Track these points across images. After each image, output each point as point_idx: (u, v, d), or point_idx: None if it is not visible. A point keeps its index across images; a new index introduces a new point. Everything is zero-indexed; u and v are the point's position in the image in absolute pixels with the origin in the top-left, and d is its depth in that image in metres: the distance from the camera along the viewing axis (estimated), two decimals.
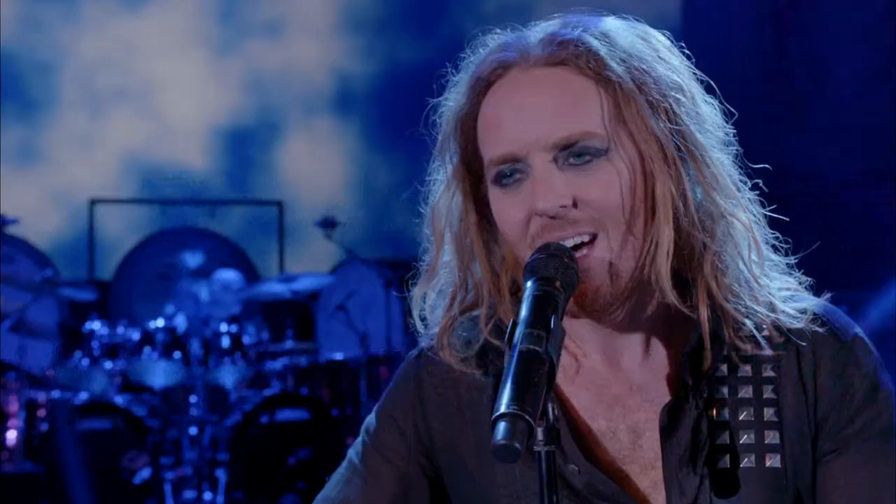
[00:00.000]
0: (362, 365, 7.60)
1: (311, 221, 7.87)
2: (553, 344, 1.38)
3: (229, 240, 9.13)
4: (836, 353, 1.65)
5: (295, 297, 7.73)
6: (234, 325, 7.31)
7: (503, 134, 1.61)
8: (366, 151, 9.70)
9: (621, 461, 1.66)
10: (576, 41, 1.60)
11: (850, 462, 1.63)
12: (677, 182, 1.59)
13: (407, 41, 9.74)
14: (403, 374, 1.83)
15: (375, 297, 8.04)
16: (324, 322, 8.30)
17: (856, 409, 1.64)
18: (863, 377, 1.65)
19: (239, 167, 9.44)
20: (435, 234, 1.74)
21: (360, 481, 1.79)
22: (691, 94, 1.64)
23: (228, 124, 9.42)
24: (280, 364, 7.47)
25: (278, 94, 9.53)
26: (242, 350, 7.28)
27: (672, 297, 1.60)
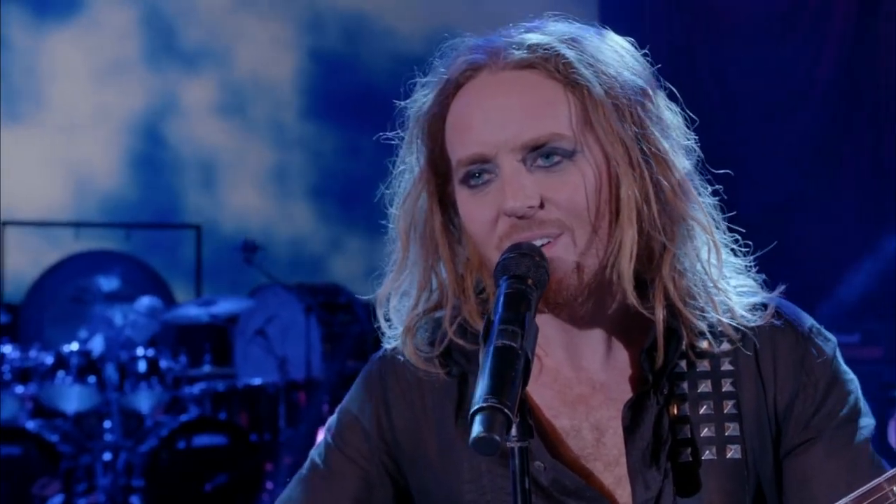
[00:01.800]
0: (281, 390, 7.53)
1: (230, 245, 7.80)
2: (528, 340, 1.40)
3: (145, 263, 8.98)
4: (795, 344, 1.70)
5: (213, 322, 7.64)
6: (150, 350, 7.20)
7: (472, 135, 1.63)
8: (286, 177, 9.66)
9: (585, 459, 1.68)
10: (545, 45, 1.63)
11: (822, 451, 1.67)
12: (641, 185, 1.62)
13: (336, 69, 9.74)
14: (367, 375, 1.84)
15: (295, 321, 7.98)
16: (242, 347, 8.21)
17: (821, 398, 1.68)
18: (823, 365, 1.70)
19: (156, 190, 9.31)
20: (400, 235, 1.74)
21: (323, 482, 1.78)
22: (656, 100, 1.68)
23: (146, 146, 9.29)
24: (197, 389, 7.37)
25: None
26: (159, 374, 7.16)
27: (633, 298, 1.63)
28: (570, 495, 1.65)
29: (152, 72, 9.32)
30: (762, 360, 1.69)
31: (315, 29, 9.74)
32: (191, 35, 9.44)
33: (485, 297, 1.74)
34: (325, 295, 8.51)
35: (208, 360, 7.74)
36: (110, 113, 9.19)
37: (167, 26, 9.39)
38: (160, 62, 9.34)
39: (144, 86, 9.32)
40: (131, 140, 9.27)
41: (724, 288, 1.68)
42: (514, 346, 1.37)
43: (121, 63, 9.24)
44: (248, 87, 9.57)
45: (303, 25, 9.72)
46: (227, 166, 9.50)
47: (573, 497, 1.65)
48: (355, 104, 9.36)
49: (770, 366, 1.69)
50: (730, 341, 1.68)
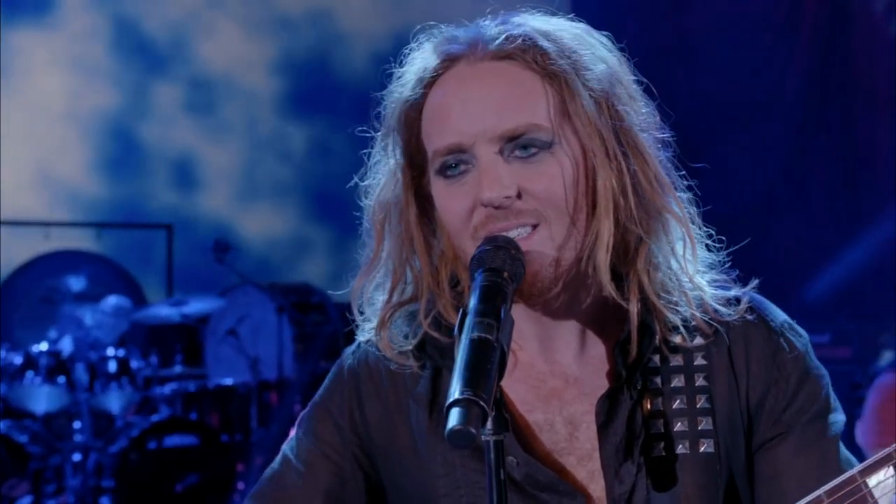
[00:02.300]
0: (252, 390, 7.50)
1: (201, 245, 7.76)
2: (503, 333, 1.40)
3: (116, 263, 8.92)
4: (767, 339, 1.70)
5: (184, 322, 7.60)
6: (121, 350, 7.15)
7: (450, 125, 1.62)
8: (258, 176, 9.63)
9: (558, 453, 1.68)
10: (523, 36, 1.63)
11: (793, 446, 1.67)
12: (618, 177, 1.62)
13: (307, 76, 9.71)
14: (340, 369, 1.82)
15: (267, 321, 7.95)
16: (214, 347, 8.17)
17: (792, 393, 1.69)
18: (795, 360, 1.70)
19: (127, 190, 9.25)
20: (375, 227, 1.73)
21: (295, 476, 1.77)
22: (631, 93, 1.69)
23: (117, 146, 9.23)
24: (168, 389, 7.33)
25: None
26: (130, 375, 7.11)
27: (610, 289, 1.63)
28: (543, 490, 1.64)
29: (123, 71, 9.26)
30: (735, 354, 1.69)
31: (285, 27, 9.70)
32: (161, 34, 9.38)
33: (460, 290, 1.73)
34: (298, 295, 8.49)
35: (179, 361, 7.69)
36: (81, 112, 9.12)
37: (137, 25, 9.32)
38: (131, 61, 9.27)
39: (115, 85, 9.25)
40: (102, 139, 9.21)
41: (698, 282, 1.69)
42: (489, 338, 1.37)
43: (91, 62, 9.17)
44: (219, 87, 9.53)
45: (274, 24, 9.68)
46: (199, 166, 9.45)
47: (546, 491, 1.64)
48: (327, 103, 9.34)
49: (743, 360, 1.69)
50: (703, 336, 1.68)
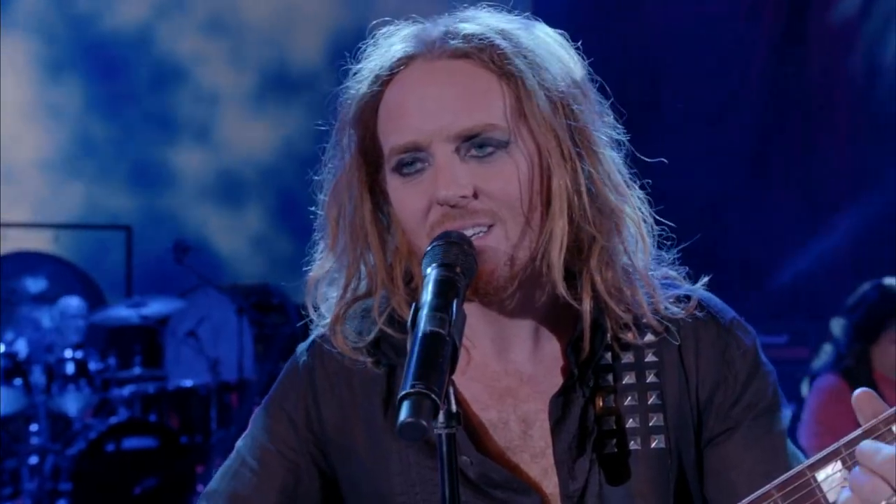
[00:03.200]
0: (212, 392, 7.46)
1: (161, 247, 7.72)
2: (455, 327, 1.40)
3: (74, 265, 8.84)
4: (716, 336, 1.72)
5: (143, 323, 7.55)
6: (79, 352, 7.08)
7: (406, 123, 1.62)
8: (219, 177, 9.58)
9: (512, 451, 1.69)
10: (480, 35, 1.63)
11: (741, 441, 1.69)
12: (573, 177, 1.63)
13: (265, 67, 9.68)
14: (294, 365, 1.82)
15: (227, 322, 7.91)
16: (173, 348, 8.12)
17: (741, 389, 1.71)
18: (744, 357, 1.72)
19: (86, 191, 9.17)
20: (329, 223, 1.73)
21: (250, 473, 1.76)
22: (587, 93, 1.69)
23: (75, 147, 9.16)
24: (127, 391, 7.27)
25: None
26: (88, 377, 7.05)
27: (562, 289, 1.63)
28: (497, 488, 1.65)
29: (81, 70, 9.18)
30: (685, 351, 1.71)
31: (242, 24, 9.66)
32: (119, 32, 9.31)
33: (414, 287, 1.73)
34: (258, 296, 8.45)
35: (138, 362, 7.63)
36: (39, 113, 9.03)
37: (94, 22, 9.25)
38: (90, 59, 9.20)
39: (74, 85, 9.18)
40: (60, 140, 9.13)
41: (650, 281, 1.70)
42: (441, 332, 1.37)
43: (47, 62, 9.09)
44: (180, 85, 9.47)
45: (230, 20, 9.64)
46: (158, 166, 9.39)
47: (500, 489, 1.65)
48: (287, 101, 9.32)
49: (692, 357, 1.71)
50: (654, 333, 1.69)
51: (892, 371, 4.66)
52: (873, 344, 4.70)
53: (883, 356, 4.69)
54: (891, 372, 4.66)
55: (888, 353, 4.68)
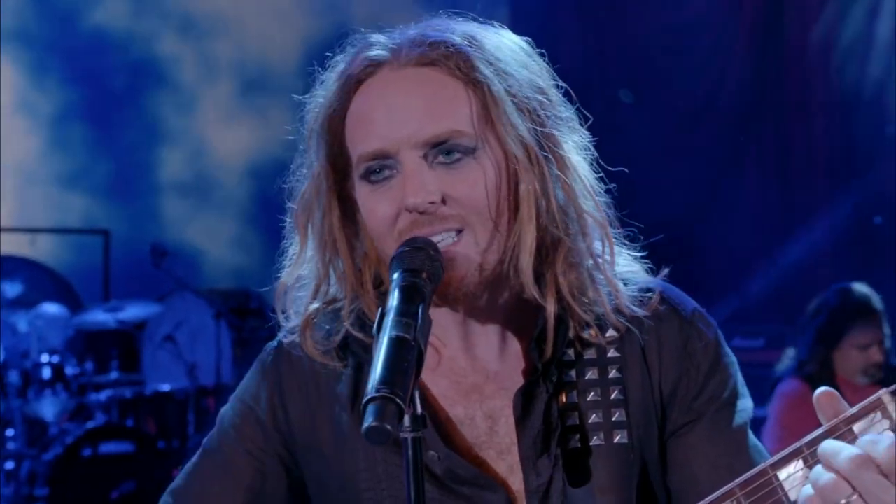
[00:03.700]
0: (190, 396, 7.45)
1: (139, 251, 7.71)
2: (421, 332, 1.43)
3: (51, 269, 8.81)
4: (678, 330, 1.75)
5: (121, 327, 7.53)
6: (55, 356, 7.05)
7: (374, 130, 1.64)
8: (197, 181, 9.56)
9: (478, 447, 1.71)
10: (446, 43, 1.66)
11: (704, 433, 1.72)
12: (540, 182, 1.66)
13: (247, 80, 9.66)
14: (262, 364, 1.84)
15: (205, 327, 7.90)
16: (151, 353, 8.10)
17: (703, 381, 1.73)
18: (706, 349, 1.74)
19: (63, 195, 9.14)
20: (298, 229, 1.76)
21: (217, 471, 1.79)
22: (553, 99, 1.72)
23: (52, 150, 9.12)
24: (104, 396, 7.24)
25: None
26: (64, 381, 7.02)
27: (533, 291, 1.66)
28: (463, 484, 1.67)
29: (58, 73, 9.15)
30: (647, 345, 1.73)
31: (221, 26, 9.66)
32: (97, 34, 9.29)
33: (384, 291, 1.75)
34: (236, 300, 8.44)
35: (116, 367, 7.61)
36: (16, 115, 9.00)
37: (72, 24, 9.22)
38: (65, 62, 9.17)
39: (51, 87, 9.15)
40: (36, 143, 9.09)
41: (614, 283, 1.72)
42: (407, 337, 1.40)
43: (25, 64, 9.05)
44: (156, 89, 9.45)
45: (209, 23, 9.63)
46: (137, 170, 9.37)
47: (467, 485, 1.67)
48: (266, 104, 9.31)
49: (655, 351, 1.73)
50: (616, 329, 1.72)
51: (854, 375, 4.70)
52: (835, 349, 4.74)
53: (845, 361, 4.73)
54: (853, 376, 4.70)
55: (850, 358, 4.72)
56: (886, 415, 1.35)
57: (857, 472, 1.32)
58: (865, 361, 4.70)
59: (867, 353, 4.70)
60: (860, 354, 4.70)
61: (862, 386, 4.67)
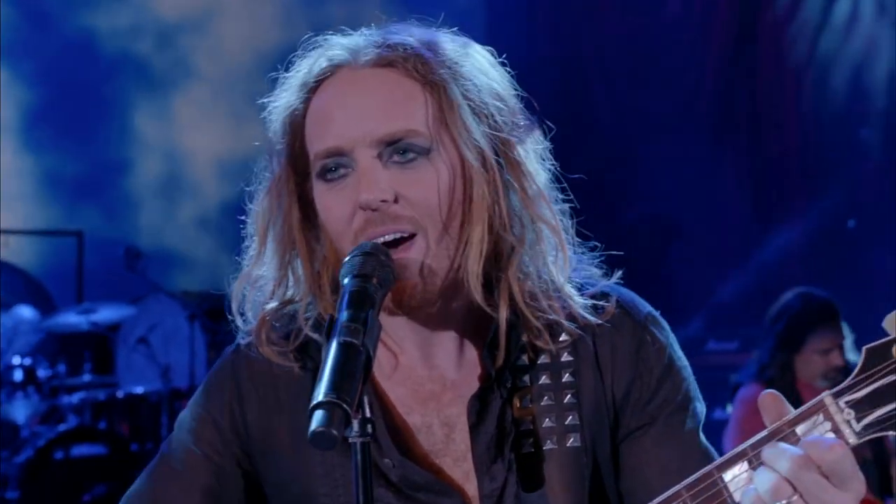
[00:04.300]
0: (164, 398, 7.42)
1: (113, 253, 7.68)
2: (369, 337, 1.44)
3: (23, 271, 8.76)
4: (631, 334, 1.75)
5: (94, 329, 7.50)
6: (27, 359, 7.02)
7: (330, 129, 1.65)
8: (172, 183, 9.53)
9: (435, 454, 1.72)
10: (405, 45, 1.67)
11: (657, 436, 1.73)
12: (494, 187, 1.67)
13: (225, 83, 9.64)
14: (220, 369, 1.84)
15: (179, 329, 7.87)
16: (125, 355, 8.07)
17: (655, 385, 1.74)
18: (658, 353, 1.76)
19: (36, 196, 9.10)
20: (258, 231, 1.76)
21: (174, 474, 1.79)
22: (511, 105, 1.73)
23: (26, 151, 9.08)
24: (77, 398, 7.21)
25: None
26: (36, 384, 6.99)
27: (477, 296, 1.67)
28: (419, 490, 1.68)
29: (30, 71, 9.11)
30: (600, 349, 1.74)
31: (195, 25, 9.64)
32: (69, 31, 9.25)
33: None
34: (210, 302, 8.41)
35: (89, 369, 7.57)
36: None
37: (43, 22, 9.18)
38: (37, 60, 9.12)
39: (23, 86, 9.11)
40: (8, 144, 9.05)
41: (568, 291, 1.73)
42: (355, 342, 1.41)
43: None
44: (130, 92, 9.42)
45: (184, 21, 9.61)
46: (112, 171, 9.33)
47: (423, 492, 1.68)
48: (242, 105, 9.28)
49: (608, 355, 1.74)
50: (569, 334, 1.73)
51: (815, 379, 4.73)
52: (796, 353, 4.76)
53: (806, 365, 4.75)
54: (814, 380, 4.73)
55: (811, 362, 4.75)
56: (828, 416, 1.38)
57: (799, 473, 1.34)
58: (826, 365, 4.73)
59: (828, 357, 4.73)
60: (821, 359, 4.73)
61: (823, 389, 4.68)
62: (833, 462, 1.34)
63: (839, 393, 1.38)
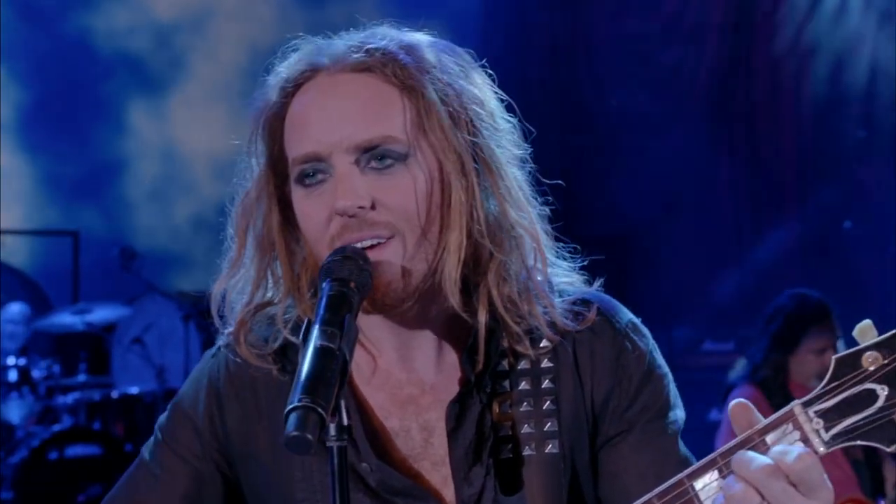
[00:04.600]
0: (159, 399, 7.42)
1: (109, 253, 7.69)
2: (346, 342, 1.44)
3: (19, 270, 8.77)
4: (611, 342, 1.75)
5: (89, 330, 7.50)
6: (22, 358, 7.02)
7: (308, 134, 1.65)
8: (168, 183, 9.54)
9: (413, 459, 1.72)
10: (383, 50, 1.67)
11: (635, 443, 1.73)
12: (472, 192, 1.66)
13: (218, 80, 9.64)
14: (200, 372, 1.84)
15: (174, 329, 7.88)
16: (120, 355, 8.08)
17: (634, 392, 1.74)
18: (638, 360, 1.75)
19: (32, 196, 9.10)
20: (238, 232, 1.76)
21: (153, 479, 1.79)
22: (491, 110, 1.72)
23: (22, 151, 9.08)
24: (71, 398, 7.22)
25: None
26: (31, 384, 7.00)
27: (455, 301, 1.66)
28: (397, 495, 1.68)
29: (22, 72, 9.11)
30: (580, 356, 1.74)
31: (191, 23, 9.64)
32: (63, 30, 9.26)
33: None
34: (205, 303, 8.40)
35: (84, 369, 7.58)
36: None
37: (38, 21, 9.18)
38: (32, 59, 9.13)
39: (19, 86, 9.11)
40: (7, 144, 9.05)
41: (547, 295, 1.73)
42: (331, 346, 1.41)
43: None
44: (125, 94, 9.42)
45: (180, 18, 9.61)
46: (108, 172, 9.33)
47: (401, 496, 1.68)
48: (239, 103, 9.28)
49: (588, 362, 1.74)
50: (550, 340, 1.72)
51: (809, 380, 4.71)
52: (791, 354, 4.75)
53: (800, 366, 4.74)
54: (808, 381, 4.71)
55: (806, 363, 4.74)
56: (798, 426, 1.38)
57: (767, 481, 1.34)
58: (821, 365, 4.71)
59: (822, 357, 4.72)
60: (816, 359, 4.72)
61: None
62: (801, 471, 1.34)
63: (809, 402, 1.38)
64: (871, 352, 1.36)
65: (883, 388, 1.35)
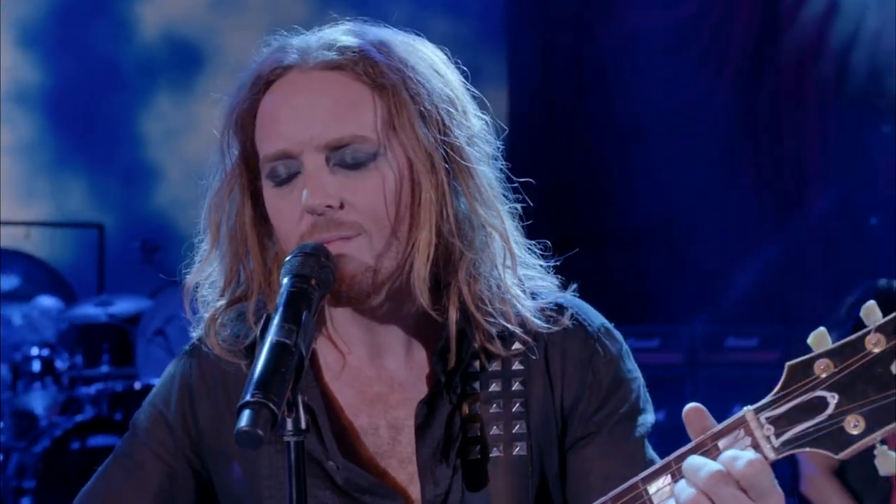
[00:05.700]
0: None
1: (134, 245, 7.76)
2: (303, 337, 1.45)
3: (46, 263, 8.86)
4: (583, 345, 1.76)
5: (112, 321, 7.57)
6: (45, 349, 7.09)
7: (278, 131, 1.66)
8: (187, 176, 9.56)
9: (381, 456, 1.73)
10: (355, 48, 1.68)
11: (601, 445, 1.73)
12: (442, 191, 1.67)
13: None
14: (174, 369, 1.87)
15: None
16: (143, 347, 8.13)
17: (604, 396, 1.75)
18: (608, 365, 1.76)
19: (58, 188, 9.18)
20: (210, 227, 1.77)
21: (127, 474, 1.81)
22: (463, 108, 1.73)
23: (48, 142, 9.17)
24: (94, 389, 7.27)
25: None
26: (54, 374, 7.07)
27: (423, 300, 1.67)
28: (364, 493, 1.70)
29: (53, 65, 9.19)
30: (551, 359, 1.75)
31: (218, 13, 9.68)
32: (96, 20, 9.32)
33: None
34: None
35: (107, 361, 7.64)
36: (9, 108, 9.02)
37: (70, 15, 9.26)
38: (61, 53, 9.20)
39: (47, 80, 9.18)
40: (31, 136, 9.13)
41: (518, 294, 1.73)
42: (287, 342, 1.42)
43: (17, 55, 9.10)
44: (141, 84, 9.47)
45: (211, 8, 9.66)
46: (132, 164, 9.40)
47: (367, 494, 1.69)
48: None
49: (558, 365, 1.75)
50: (521, 342, 1.73)
51: None
52: None
53: None
54: None
55: None
56: (749, 432, 1.38)
57: (717, 487, 1.35)
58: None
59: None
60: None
61: None
62: (751, 476, 1.35)
63: (760, 408, 1.39)
64: (823, 359, 1.36)
65: (833, 396, 1.34)
